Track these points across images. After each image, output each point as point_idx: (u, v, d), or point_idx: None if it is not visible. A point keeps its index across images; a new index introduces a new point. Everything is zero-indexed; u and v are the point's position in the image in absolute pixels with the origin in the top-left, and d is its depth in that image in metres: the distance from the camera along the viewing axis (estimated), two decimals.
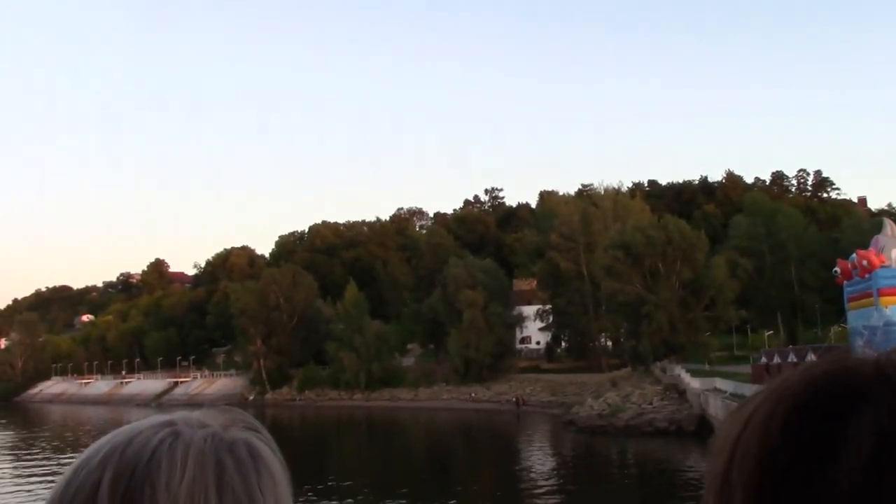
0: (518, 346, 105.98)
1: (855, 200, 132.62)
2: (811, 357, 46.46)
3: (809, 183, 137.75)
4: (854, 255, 35.06)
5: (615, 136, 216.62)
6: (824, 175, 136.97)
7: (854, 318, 35.12)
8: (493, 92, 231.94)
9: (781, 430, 0.68)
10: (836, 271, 37.28)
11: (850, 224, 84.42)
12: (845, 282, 35.93)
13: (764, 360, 50.63)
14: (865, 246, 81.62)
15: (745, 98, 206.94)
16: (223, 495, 0.89)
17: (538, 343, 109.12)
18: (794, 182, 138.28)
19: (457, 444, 67.04)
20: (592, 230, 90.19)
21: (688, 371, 63.75)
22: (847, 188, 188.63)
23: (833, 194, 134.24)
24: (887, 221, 38.58)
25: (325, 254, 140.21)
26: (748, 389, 46.60)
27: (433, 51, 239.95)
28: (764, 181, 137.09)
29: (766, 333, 72.64)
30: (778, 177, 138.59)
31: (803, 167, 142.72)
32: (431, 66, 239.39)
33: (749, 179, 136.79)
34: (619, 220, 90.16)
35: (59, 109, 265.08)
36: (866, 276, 32.57)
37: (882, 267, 32.01)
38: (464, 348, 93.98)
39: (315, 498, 39.90)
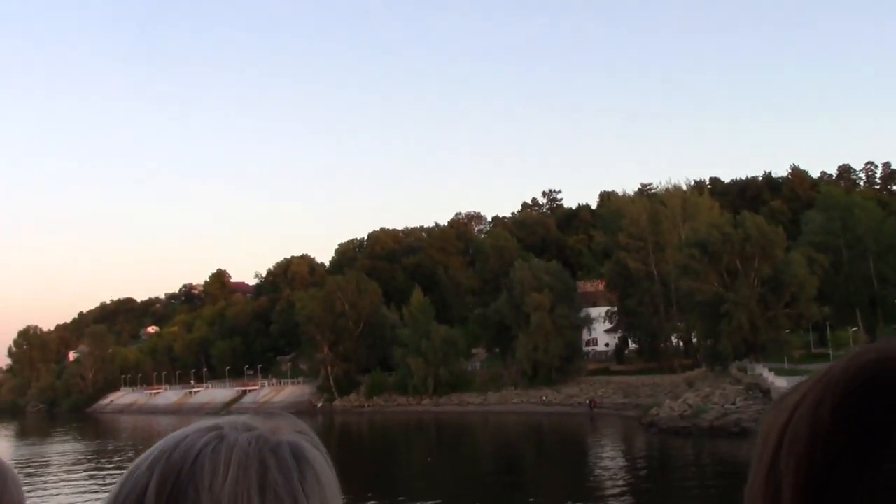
0: (584, 348, 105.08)
1: None
2: None
3: (878, 175, 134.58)
4: None
5: (673, 133, 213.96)
6: (894, 167, 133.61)
7: None
8: (547, 92, 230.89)
9: (832, 417, 0.69)
10: None
11: None
12: None
13: None
14: None
15: (808, 89, 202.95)
16: (266, 496, 0.89)
17: (607, 345, 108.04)
18: (863, 175, 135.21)
19: (532, 448, 66.66)
20: (661, 229, 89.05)
21: (770, 370, 62.53)
22: None
23: None
24: None
25: (385, 260, 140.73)
26: None
27: (486, 53, 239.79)
28: (830, 175, 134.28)
29: (851, 330, 70.89)
30: (845, 170, 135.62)
31: (871, 159, 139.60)
32: (482, 68, 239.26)
33: (815, 174, 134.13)
34: (688, 218, 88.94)
35: (123, 122, 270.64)
36: None
37: None
38: (532, 351, 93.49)
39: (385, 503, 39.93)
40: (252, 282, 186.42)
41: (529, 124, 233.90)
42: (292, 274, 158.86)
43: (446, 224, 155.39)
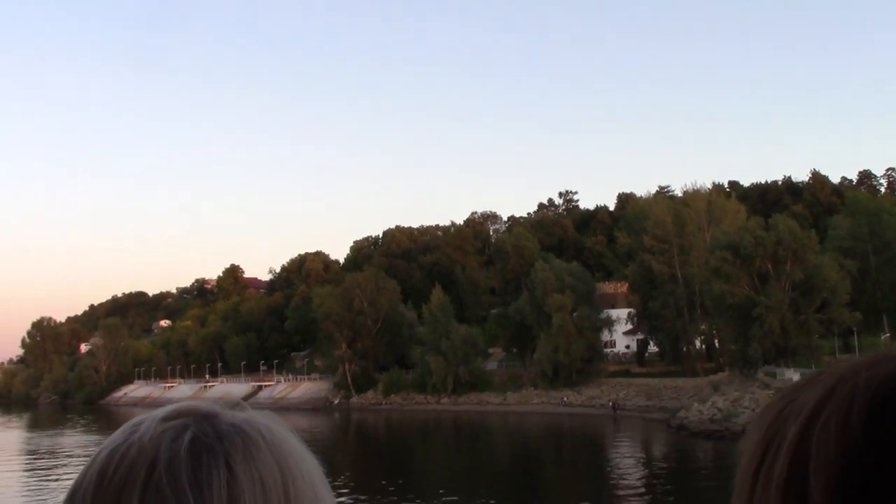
0: (603, 350, 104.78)
1: None
2: None
3: None
4: None
5: (691, 136, 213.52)
6: None
7: None
8: (564, 93, 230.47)
9: (864, 434, 0.67)
10: None
11: None
12: None
13: None
14: None
15: (827, 94, 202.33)
16: (147, 494, 0.85)
17: (627, 347, 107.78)
18: (884, 181, 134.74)
19: (554, 448, 66.53)
20: (686, 232, 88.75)
21: (802, 375, 62.15)
22: None
23: None
24: None
25: (402, 258, 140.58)
26: None
27: (502, 53, 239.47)
28: (851, 181, 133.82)
29: (883, 336, 70.63)
30: (865, 175, 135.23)
31: (891, 165, 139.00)
32: (498, 69, 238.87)
33: (835, 179, 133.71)
34: (713, 221, 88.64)
35: (135, 115, 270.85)
36: None
37: None
38: (553, 352, 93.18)
39: (402, 501, 39.77)
40: (265, 277, 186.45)
41: (545, 125, 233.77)
42: (307, 270, 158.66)
43: (462, 223, 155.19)
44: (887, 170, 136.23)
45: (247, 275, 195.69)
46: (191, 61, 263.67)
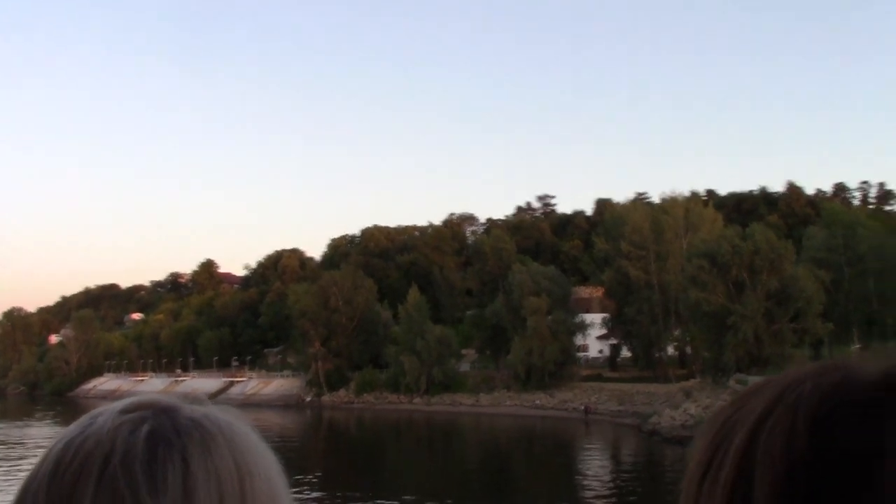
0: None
1: None
2: None
3: (872, 195, 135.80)
4: None
5: (670, 144, 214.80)
6: (888, 187, 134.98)
7: None
8: (544, 97, 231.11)
9: (807, 443, 0.68)
10: None
11: None
12: None
13: None
14: None
15: (805, 106, 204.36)
16: (100, 488, 0.84)
17: (600, 352, 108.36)
18: (857, 194, 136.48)
19: (526, 451, 66.74)
20: (663, 239, 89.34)
21: None
22: None
23: None
24: None
25: (379, 257, 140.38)
26: None
27: (481, 56, 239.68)
28: (825, 192, 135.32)
29: (854, 347, 71.42)
30: (840, 188, 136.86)
31: (866, 178, 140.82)
32: (477, 72, 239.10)
33: (810, 190, 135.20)
34: (690, 229, 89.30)
35: (109, 107, 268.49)
36: None
37: None
38: (527, 355, 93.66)
39: (372, 500, 39.71)
40: (241, 273, 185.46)
41: (525, 129, 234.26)
42: (282, 267, 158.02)
43: (440, 224, 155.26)
44: (861, 182, 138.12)
45: (222, 270, 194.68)
46: (173, 53, 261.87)
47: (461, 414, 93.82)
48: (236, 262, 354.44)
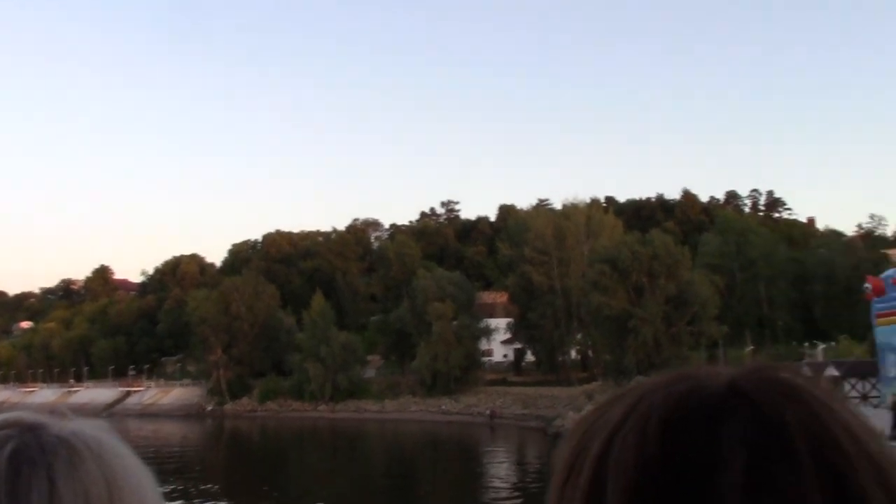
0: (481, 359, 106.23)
1: (804, 220, 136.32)
2: (805, 373, 47.69)
3: (762, 202, 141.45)
4: (894, 270, 36.20)
5: (571, 151, 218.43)
6: (776, 195, 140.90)
7: (885, 334, 36.14)
8: (447, 103, 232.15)
9: (657, 450, 0.70)
10: (866, 287, 38.28)
11: (822, 244, 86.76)
12: (875, 298, 36.97)
13: None
14: (840, 266, 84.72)
15: (697, 116, 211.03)
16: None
17: (505, 356, 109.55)
18: (748, 202, 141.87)
19: (430, 456, 66.77)
20: (566, 245, 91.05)
21: None
22: (797, 208, 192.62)
23: (784, 214, 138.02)
24: None
25: (282, 263, 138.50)
26: None
27: (385, 59, 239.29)
28: (718, 200, 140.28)
29: (747, 349, 74.21)
30: (732, 196, 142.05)
31: (755, 187, 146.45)
32: (380, 77, 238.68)
33: (704, 198, 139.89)
34: (592, 235, 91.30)
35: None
36: None
37: None
38: (432, 360, 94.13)
39: None
40: (137, 279, 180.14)
41: (428, 134, 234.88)
42: (181, 273, 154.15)
43: (344, 229, 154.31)
44: (751, 191, 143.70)
45: (117, 276, 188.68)
46: (63, 56, 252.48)
47: (366, 420, 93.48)
48: (133, 267, 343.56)
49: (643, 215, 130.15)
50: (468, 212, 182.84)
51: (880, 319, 36.40)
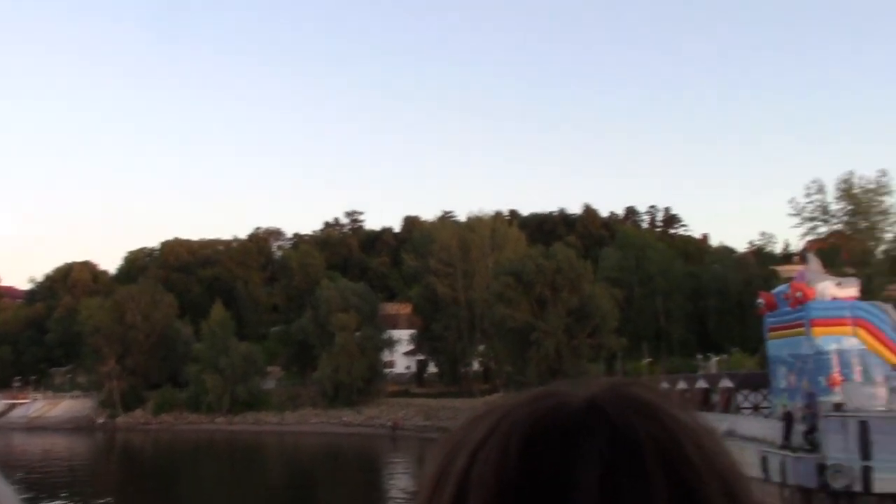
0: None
1: (699, 237, 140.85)
2: (701, 384, 49.18)
3: (659, 218, 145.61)
4: (787, 286, 37.53)
5: (476, 164, 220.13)
6: (673, 212, 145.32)
7: (777, 347, 37.44)
8: (349, 112, 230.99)
9: (517, 466, 0.71)
10: (759, 302, 39.63)
11: (715, 259, 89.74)
12: (768, 313, 38.29)
13: (665, 386, 52.94)
14: (733, 281, 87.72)
15: (598, 135, 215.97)
16: None
17: (407, 367, 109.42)
18: (646, 217, 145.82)
19: (330, 469, 66.16)
20: (470, 257, 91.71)
21: None
22: (692, 225, 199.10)
23: (680, 230, 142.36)
24: (812, 256, 41.56)
25: (180, 272, 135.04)
26: None
27: (286, 67, 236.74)
28: (618, 215, 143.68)
29: (644, 361, 75.99)
30: (631, 212, 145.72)
31: (653, 203, 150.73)
32: (281, 82, 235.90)
33: (604, 213, 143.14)
34: (496, 247, 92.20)
35: None
36: (798, 307, 34.90)
37: (814, 299, 34.52)
38: (334, 371, 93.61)
39: None
40: (25, 287, 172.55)
41: (331, 143, 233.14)
42: (73, 280, 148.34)
43: (245, 238, 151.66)
44: (649, 207, 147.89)
45: (3, 283, 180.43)
46: None
47: (266, 433, 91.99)
48: (21, 274, 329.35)
49: (545, 229, 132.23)
50: (373, 222, 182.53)
51: (772, 333, 37.81)
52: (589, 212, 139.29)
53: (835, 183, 76.03)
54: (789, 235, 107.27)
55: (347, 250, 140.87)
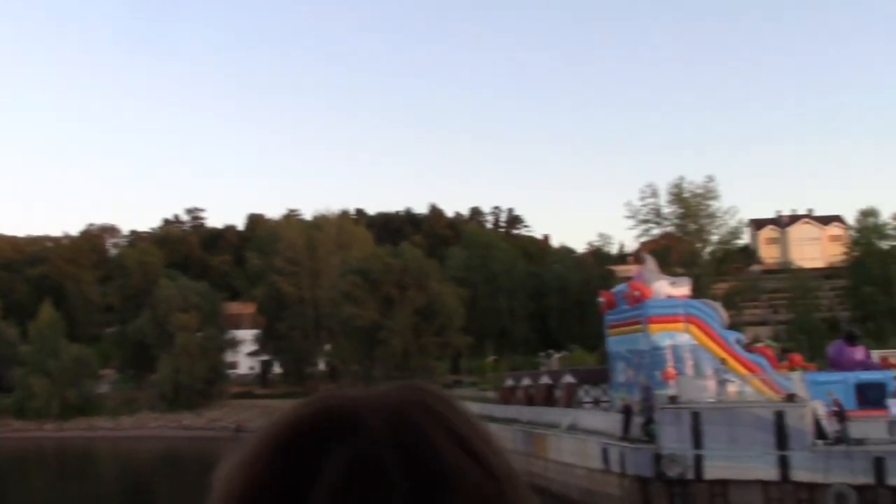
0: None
1: (541, 237, 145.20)
2: (545, 380, 50.75)
3: (503, 219, 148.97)
4: (626, 285, 39.20)
5: (321, 162, 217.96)
6: (516, 213, 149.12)
7: (616, 343, 39.12)
8: (188, 106, 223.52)
9: (264, 472, 0.72)
10: (600, 301, 41.23)
11: (557, 259, 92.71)
12: (608, 311, 39.92)
13: (511, 382, 54.30)
14: (573, 280, 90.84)
15: (445, 136, 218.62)
16: None
17: (251, 368, 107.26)
18: (490, 218, 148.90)
19: (168, 475, 63.99)
20: (317, 255, 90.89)
21: None
22: (535, 226, 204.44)
23: (523, 231, 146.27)
24: (648, 257, 43.54)
25: (4, 270, 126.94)
26: (499, 411, 49.68)
27: (124, 53, 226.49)
28: (463, 215, 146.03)
29: (490, 359, 77.43)
30: (476, 212, 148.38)
31: (497, 204, 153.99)
32: (117, 73, 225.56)
33: (450, 213, 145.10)
34: (343, 246, 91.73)
35: None
36: (636, 305, 36.55)
37: (651, 297, 36.26)
38: (174, 373, 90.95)
39: None
40: None
41: (172, 138, 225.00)
42: None
43: (77, 235, 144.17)
44: (493, 208, 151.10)
45: None
46: None
47: (99, 439, 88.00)
48: None
49: (392, 228, 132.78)
50: (215, 220, 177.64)
51: (612, 330, 39.55)
52: (435, 212, 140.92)
53: (667, 187, 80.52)
54: (625, 237, 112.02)
55: (188, 248, 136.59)
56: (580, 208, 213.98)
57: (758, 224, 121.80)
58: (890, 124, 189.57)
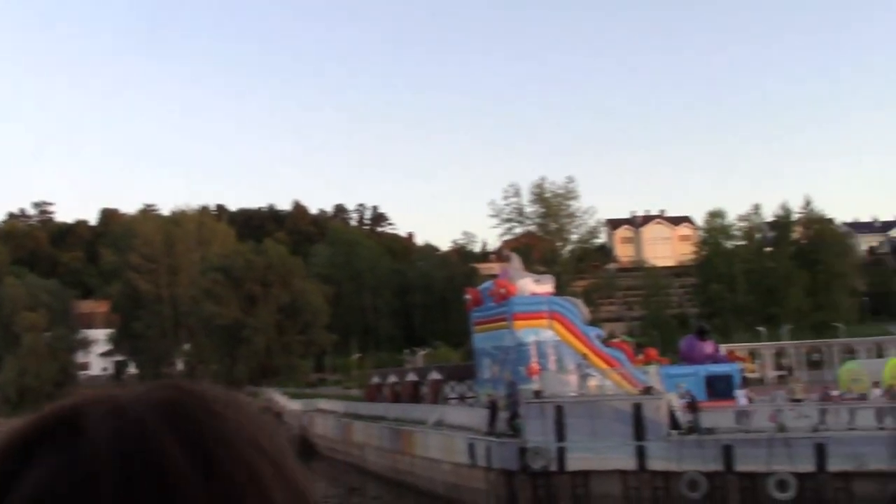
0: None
1: (405, 235, 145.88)
2: (412, 377, 51.04)
3: (367, 217, 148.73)
4: (491, 283, 39.80)
5: (180, 156, 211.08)
6: (380, 210, 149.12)
7: (482, 340, 39.73)
8: (40, 92, 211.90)
9: None
10: (467, 298, 41.75)
11: (421, 257, 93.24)
12: (474, 308, 40.47)
13: (377, 379, 54.20)
14: (437, 278, 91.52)
15: (306, 132, 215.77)
16: None
17: (104, 369, 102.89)
18: (355, 215, 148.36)
19: None
20: (176, 252, 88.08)
21: (283, 393, 65.22)
22: (399, 223, 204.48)
23: (387, 228, 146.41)
24: (514, 255, 44.36)
25: None
26: (365, 409, 49.60)
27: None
28: (328, 212, 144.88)
29: (354, 357, 76.99)
30: (340, 209, 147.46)
31: (362, 202, 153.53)
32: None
33: (314, 210, 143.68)
34: (204, 243, 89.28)
35: None
36: (502, 302, 37.22)
37: (516, 295, 37.00)
38: (20, 376, 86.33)
39: None
40: None
41: (19, 128, 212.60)
42: None
43: None
44: (358, 205, 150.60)
45: None
46: None
47: None
48: None
49: (254, 224, 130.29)
50: (65, 214, 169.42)
51: (477, 327, 40.16)
52: (299, 208, 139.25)
53: (529, 187, 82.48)
54: (488, 235, 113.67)
55: (35, 244, 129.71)
56: (444, 207, 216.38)
57: (614, 224, 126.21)
58: (736, 130, 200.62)
